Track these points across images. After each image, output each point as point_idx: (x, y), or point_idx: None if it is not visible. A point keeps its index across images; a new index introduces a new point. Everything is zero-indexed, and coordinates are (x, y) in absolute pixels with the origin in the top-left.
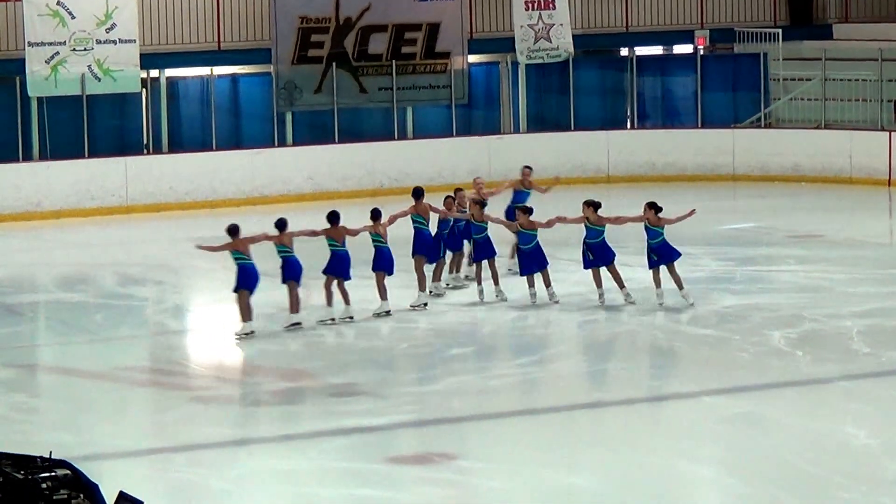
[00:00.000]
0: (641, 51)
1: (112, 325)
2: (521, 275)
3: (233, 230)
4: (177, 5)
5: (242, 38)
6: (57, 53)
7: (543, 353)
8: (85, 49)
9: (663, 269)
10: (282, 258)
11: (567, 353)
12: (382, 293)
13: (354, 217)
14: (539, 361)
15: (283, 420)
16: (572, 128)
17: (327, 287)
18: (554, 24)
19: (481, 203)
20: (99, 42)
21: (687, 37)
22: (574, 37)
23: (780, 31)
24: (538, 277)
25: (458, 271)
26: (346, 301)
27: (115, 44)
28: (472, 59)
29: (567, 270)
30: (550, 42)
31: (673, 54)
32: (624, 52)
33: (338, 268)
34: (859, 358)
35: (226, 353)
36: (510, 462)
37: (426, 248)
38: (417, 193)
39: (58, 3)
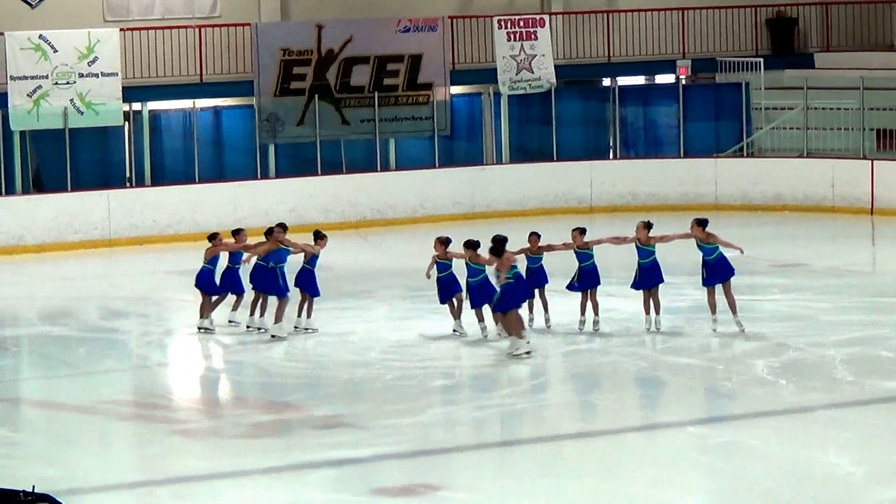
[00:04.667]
0: (623, 81)
1: (95, 358)
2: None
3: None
4: (159, 38)
5: (225, 71)
6: (39, 87)
7: (528, 384)
8: (67, 83)
9: (719, 288)
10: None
11: (551, 384)
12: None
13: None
14: (523, 392)
15: (266, 452)
16: (555, 158)
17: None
18: (536, 55)
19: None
20: (81, 75)
21: (669, 67)
22: (556, 67)
23: (761, 60)
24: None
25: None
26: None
27: (98, 77)
28: (455, 90)
29: (552, 300)
30: (532, 73)
31: (655, 84)
32: (606, 82)
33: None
34: (843, 386)
35: (209, 385)
36: (495, 493)
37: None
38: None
39: (40, 37)
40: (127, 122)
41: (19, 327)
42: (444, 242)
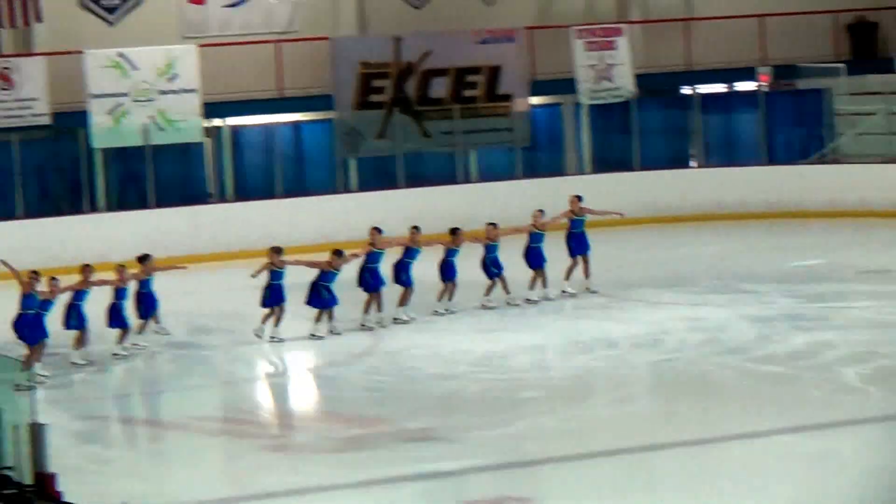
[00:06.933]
0: (703, 89)
1: (182, 374)
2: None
3: None
4: (237, 54)
5: (304, 85)
6: (119, 104)
7: (615, 394)
8: (147, 100)
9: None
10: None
11: (638, 394)
12: None
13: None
14: (610, 402)
15: (356, 466)
16: (636, 168)
17: None
18: (615, 65)
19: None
20: (161, 92)
21: (748, 74)
22: (635, 76)
23: (843, 65)
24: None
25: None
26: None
27: (177, 94)
28: (534, 100)
29: (633, 310)
30: (612, 82)
31: (736, 91)
32: (686, 90)
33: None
34: None
35: (297, 400)
36: None
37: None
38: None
39: (119, 55)
40: (208, 138)
41: (105, 344)
42: (277, 251)
